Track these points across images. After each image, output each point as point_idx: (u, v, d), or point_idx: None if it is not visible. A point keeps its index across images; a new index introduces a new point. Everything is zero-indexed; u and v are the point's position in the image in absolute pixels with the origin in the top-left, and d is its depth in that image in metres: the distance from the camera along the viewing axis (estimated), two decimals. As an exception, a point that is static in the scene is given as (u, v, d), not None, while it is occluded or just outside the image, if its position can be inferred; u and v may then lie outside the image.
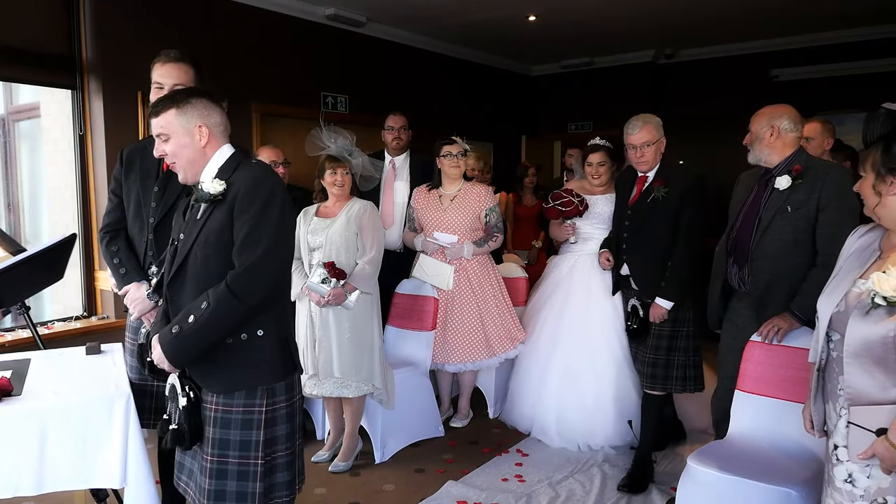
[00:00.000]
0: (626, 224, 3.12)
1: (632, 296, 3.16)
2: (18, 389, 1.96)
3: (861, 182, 1.66)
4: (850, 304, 1.60)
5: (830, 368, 1.69)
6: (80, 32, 3.77)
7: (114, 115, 3.83)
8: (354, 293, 3.07)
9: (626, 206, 3.13)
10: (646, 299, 3.06)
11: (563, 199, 3.49)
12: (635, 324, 3.12)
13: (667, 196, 2.95)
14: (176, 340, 1.76)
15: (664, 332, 3.04)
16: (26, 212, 4.20)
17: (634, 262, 3.11)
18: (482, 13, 5.12)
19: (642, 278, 3.08)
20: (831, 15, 5.20)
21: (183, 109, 1.82)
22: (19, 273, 2.35)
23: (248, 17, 4.57)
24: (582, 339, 3.48)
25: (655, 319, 3.03)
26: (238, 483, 1.80)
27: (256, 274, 1.73)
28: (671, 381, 3.05)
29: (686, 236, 2.94)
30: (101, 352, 2.39)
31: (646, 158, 2.99)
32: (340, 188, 3.17)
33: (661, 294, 2.99)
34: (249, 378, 1.81)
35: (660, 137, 3.00)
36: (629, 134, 3.00)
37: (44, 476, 1.84)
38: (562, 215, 3.52)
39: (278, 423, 1.85)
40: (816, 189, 2.46)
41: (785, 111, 2.58)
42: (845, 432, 1.62)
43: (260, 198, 1.75)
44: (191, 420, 1.81)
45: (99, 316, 3.94)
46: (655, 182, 3.00)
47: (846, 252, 1.75)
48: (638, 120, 3.01)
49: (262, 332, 1.81)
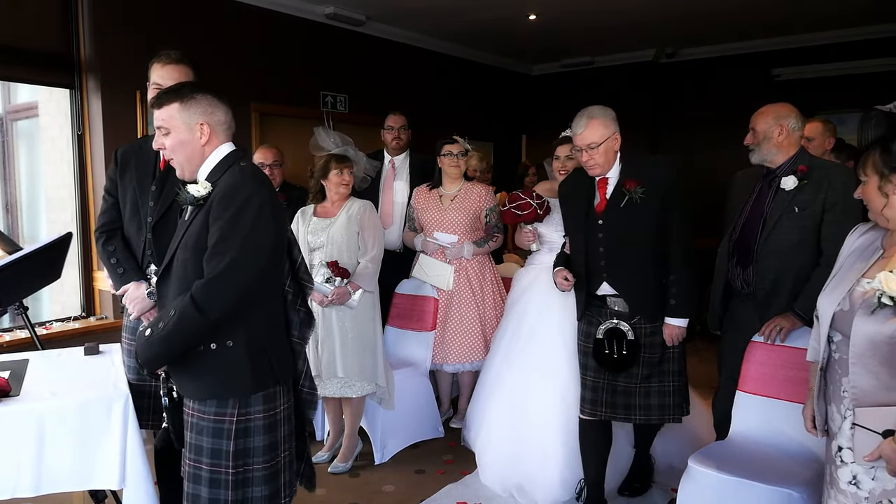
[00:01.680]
0: (599, 236, 2.59)
1: (607, 318, 2.64)
2: (16, 390, 1.95)
3: (863, 187, 1.63)
4: (854, 303, 1.58)
5: (832, 369, 1.67)
6: (78, 31, 3.76)
7: (112, 115, 3.81)
8: (358, 292, 3.07)
9: (592, 215, 2.61)
10: (637, 322, 2.59)
11: (519, 202, 3.06)
12: (621, 351, 2.59)
13: (644, 197, 2.51)
14: (146, 344, 1.71)
15: (654, 357, 2.61)
16: (24, 212, 4.19)
17: (620, 278, 2.59)
18: (482, 12, 5.10)
19: (634, 296, 2.58)
20: (833, 14, 5.18)
21: (186, 104, 1.76)
22: (15, 272, 2.34)
23: (248, 15, 4.55)
24: (535, 367, 2.99)
25: (673, 341, 2.59)
26: (210, 490, 1.75)
27: (219, 287, 1.65)
28: (668, 409, 2.64)
29: (680, 237, 2.54)
30: (100, 352, 2.38)
31: (595, 161, 2.53)
32: (346, 187, 3.17)
33: (673, 312, 2.55)
34: (219, 388, 1.74)
35: (609, 135, 2.51)
36: (573, 134, 2.56)
37: (42, 477, 1.83)
38: (518, 220, 3.09)
39: (252, 434, 1.75)
40: (823, 189, 2.46)
41: (790, 110, 2.58)
42: (850, 434, 1.60)
43: (234, 204, 1.68)
44: (174, 420, 1.79)
45: (97, 316, 3.92)
46: (626, 183, 2.53)
47: (846, 251, 1.74)
48: (582, 116, 2.54)
49: (232, 343, 1.72)
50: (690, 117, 6.42)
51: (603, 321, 2.64)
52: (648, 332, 2.61)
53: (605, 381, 2.66)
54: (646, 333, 2.61)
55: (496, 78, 6.95)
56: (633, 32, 5.77)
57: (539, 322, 3.05)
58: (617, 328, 2.61)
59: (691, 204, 2.70)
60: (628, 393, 2.63)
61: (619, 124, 2.57)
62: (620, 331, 2.60)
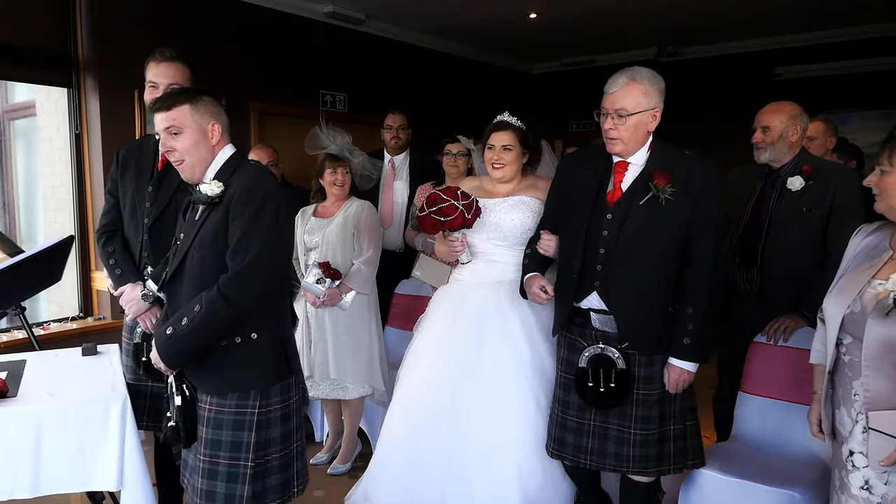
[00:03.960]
0: (603, 234, 2.06)
1: (592, 341, 2.14)
2: (14, 391, 1.94)
3: (883, 177, 1.58)
4: (866, 305, 1.55)
5: (841, 372, 1.65)
6: (76, 30, 3.74)
7: (110, 114, 3.80)
8: (350, 294, 3.05)
9: (601, 204, 2.09)
10: (627, 348, 2.10)
11: (440, 204, 2.39)
12: (608, 383, 2.08)
13: (673, 199, 2.00)
14: (169, 342, 1.77)
15: (653, 395, 2.08)
16: (22, 211, 4.18)
17: (615, 290, 2.06)
18: (482, 10, 5.09)
19: (627, 318, 2.06)
20: (835, 12, 5.17)
21: (197, 105, 1.81)
22: (17, 275, 2.34)
23: (246, 14, 4.53)
24: (484, 408, 2.36)
25: (676, 388, 2.06)
26: (227, 485, 1.79)
27: (247, 278, 1.72)
28: (667, 459, 2.12)
29: (707, 261, 2.02)
30: (98, 353, 2.36)
31: (619, 134, 2.02)
32: (340, 188, 3.14)
33: (684, 353, 2.02)
34: (242, 380, 1.81)
35: (648, 108, 2.01)
36: (606, 92, 2.07)
37: (39, 478, 1.83)
38: (441, 228, 2.41)
39: (272, 425, 1.83)
40: (830, 190, 2.46)
41: (800, 109, 2.59)
42: (862, 438, 1.58)
43: (254, 202, 1.75)
44: (186, 419, 1.82)
45: (95, 317, 3.91)
46: (655, 176, 2.02)
47: (851, 251, 1.72)
48: (623, 73, 2.05)
49: (256, 336, 1.80)
50: (692, 116, 6.40)
51: (587, 345, 2.14)
52: (644, 362, 2.10)
53: (591, 424, 2.15)
54: (640, 363, 2.10)
55: (496, 77, 6.93)
56: (634, 31, 5.76)
57: (500, 351, 2.39)
58: (604, 355, 2.11)
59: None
60: (621, 440, 2.11)
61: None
62: (608, 357, 2.10)
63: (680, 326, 2.03)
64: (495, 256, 2.49)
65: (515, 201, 2.47)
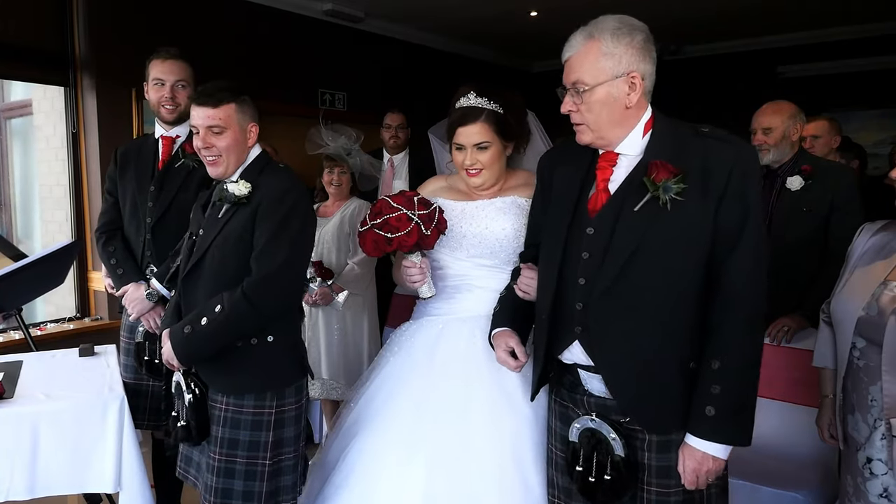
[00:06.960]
0: (582, 256, 1.45)
1: (585, 409, 1.51)
2: (10, 392, 1.93)
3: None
4: (884, 308, 1.51)
5: (856, 377, 1.61)
6: (72, 28, 3.72)
7: (107, 113, 3.77)
8: (342, 294, 3.05)
9: (580, 215, 1.48)
10: (630, 422, 1.46)
11: (387, 215, 1.75)
12: (602, 472, 1.45)
13: (682, 197, 1.36)
14: (187, 340, 1.76)
15: (671, 495, 1.45)
16: (18, 211, 4.16)
17: (606, 339, 1.44)
18: (482, 9, 5.07)
19: (627, 379, 1.43)
20: (838, 10, 5.15)
21: (242, 106, 1.81)
22: (21, 279, 2.34)
23: (244, 12, 4.51)
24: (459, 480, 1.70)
25: (696, 483, 1.42)
26: (245, 483, 1.79)
27: (274, 283, 1.72)
28: None
29: (745, 280, 1.37)
30: (95, 353, 2.35)
31: (581, 119, 1.45)
32: (337, 188, 3.15)
33: (706, 430, 1.39)
34: (258, 382, 1.81)
35: (617, 74, 1.43)
36: (562, 60, 1.53)
37: (36, 480, 1.82)
38: (388, 248, 1.76)
39: (286, 425, 1.84)
40: (830, 189, 2.47)
41: (797, 108, 2.59)
42: (881, 445, 1.54)
43: (284, 207, 1.75)
44: (197, 416, 1.81)
45: (92, 317, 3.88)
46: (653, 169, 1.39)
47: (857, 251, 1.69)
48: (579, 32, 1.54)
49: (273, 338, 1.80)
50: (694, 115, 6.37)
51: (579, 414, 1.51)
52: (657, 446, 1.46)
53: None
54: (651, 447, 1.46)
55: (496, 75, 6.90)
56: (634, 29, 5.74)
57: (484, 413, 1.73)
58: (597, 434, 1.47)
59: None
60: None
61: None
62: (602, 439, 1.46)
63: (702, 389, 1.38)
64: (479, 281, 1.82)
65: (505, 203, 1.84)
